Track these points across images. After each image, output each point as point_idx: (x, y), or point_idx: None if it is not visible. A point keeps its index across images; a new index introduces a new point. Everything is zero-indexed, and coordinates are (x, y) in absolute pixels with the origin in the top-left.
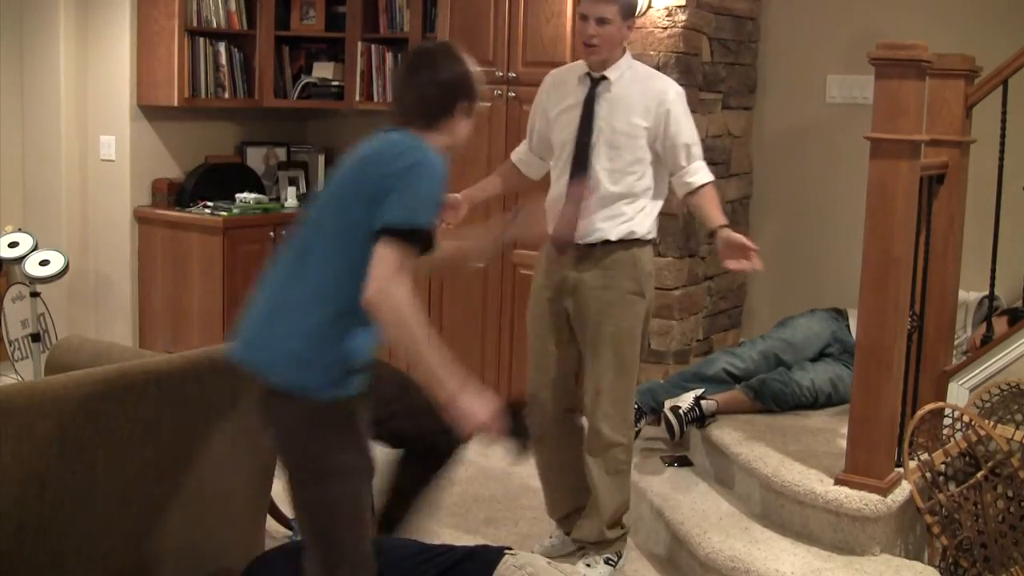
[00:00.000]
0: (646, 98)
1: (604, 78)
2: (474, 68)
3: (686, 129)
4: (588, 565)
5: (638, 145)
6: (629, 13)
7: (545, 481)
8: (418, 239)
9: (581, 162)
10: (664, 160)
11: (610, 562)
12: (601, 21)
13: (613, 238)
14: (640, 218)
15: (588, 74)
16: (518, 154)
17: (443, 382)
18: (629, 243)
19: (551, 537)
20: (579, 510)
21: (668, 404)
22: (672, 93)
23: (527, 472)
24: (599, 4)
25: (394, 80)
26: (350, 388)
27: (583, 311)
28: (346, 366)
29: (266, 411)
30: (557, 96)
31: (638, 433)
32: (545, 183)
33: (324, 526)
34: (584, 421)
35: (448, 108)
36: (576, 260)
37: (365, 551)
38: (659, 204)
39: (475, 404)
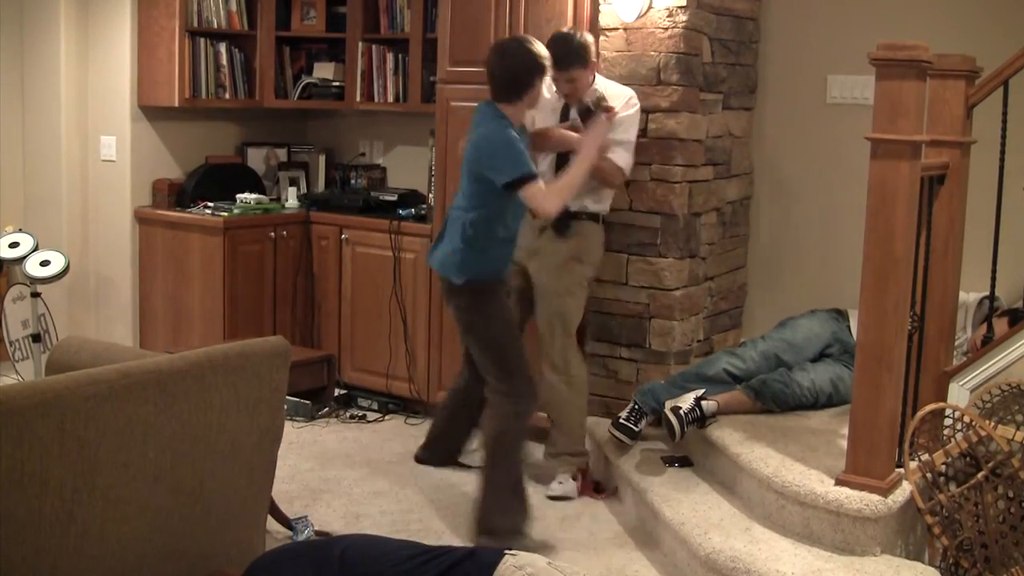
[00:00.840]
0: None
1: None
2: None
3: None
4: (560, 483)
5: None
6: (588, 60)
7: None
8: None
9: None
10: None
11: (575, 477)
12: (571, 80)
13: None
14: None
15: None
16: None
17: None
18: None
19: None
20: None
21: (669, 405)
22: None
23: (527, 472)
24: (567, 71)
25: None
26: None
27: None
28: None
29: (447, 296)
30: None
31: (639, 434)
32: None
33: (496, 352)
34: None
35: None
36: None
37: (524, 360)
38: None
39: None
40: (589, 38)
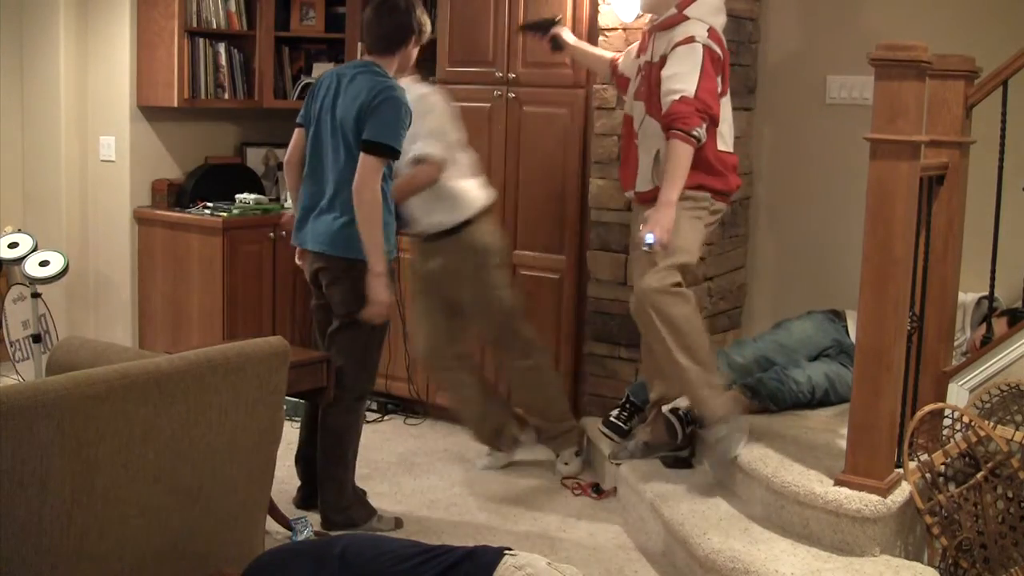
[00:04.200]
0: None
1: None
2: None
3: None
4: (566, 463)
5: None
6: None
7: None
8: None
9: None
10: None
11: (579, 454)
12: None
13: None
14: None
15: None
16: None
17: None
18: None
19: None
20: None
21: (667, 406)
22: None
23: (526, 472)
24: None
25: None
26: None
27: None
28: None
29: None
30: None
31: (629, 432)
32: None
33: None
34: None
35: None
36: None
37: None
38: None
39: (384, 290)
40: None
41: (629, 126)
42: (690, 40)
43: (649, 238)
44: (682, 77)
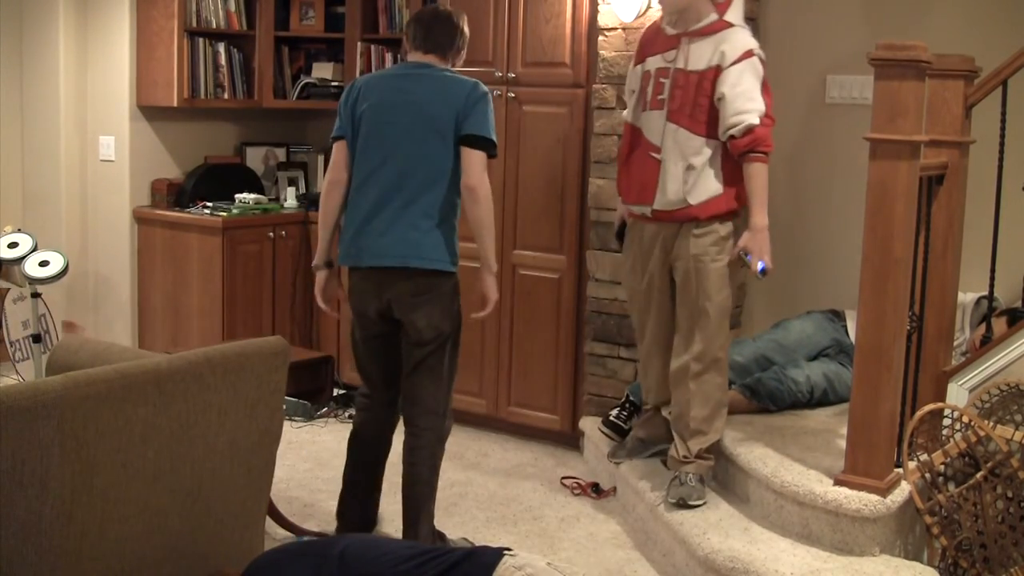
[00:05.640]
0: None
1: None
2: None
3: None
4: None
5: None
6: None
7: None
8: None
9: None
10: None
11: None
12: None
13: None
14: None
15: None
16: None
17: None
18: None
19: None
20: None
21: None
22: None
23: (526, 473)
24: None
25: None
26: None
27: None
28: None
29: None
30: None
31: (628, 431)
32: None
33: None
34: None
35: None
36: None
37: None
38: None
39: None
40: None
41: (638, 136)
42: (749, 54)
43: (761, 266)
44: (751, 95)
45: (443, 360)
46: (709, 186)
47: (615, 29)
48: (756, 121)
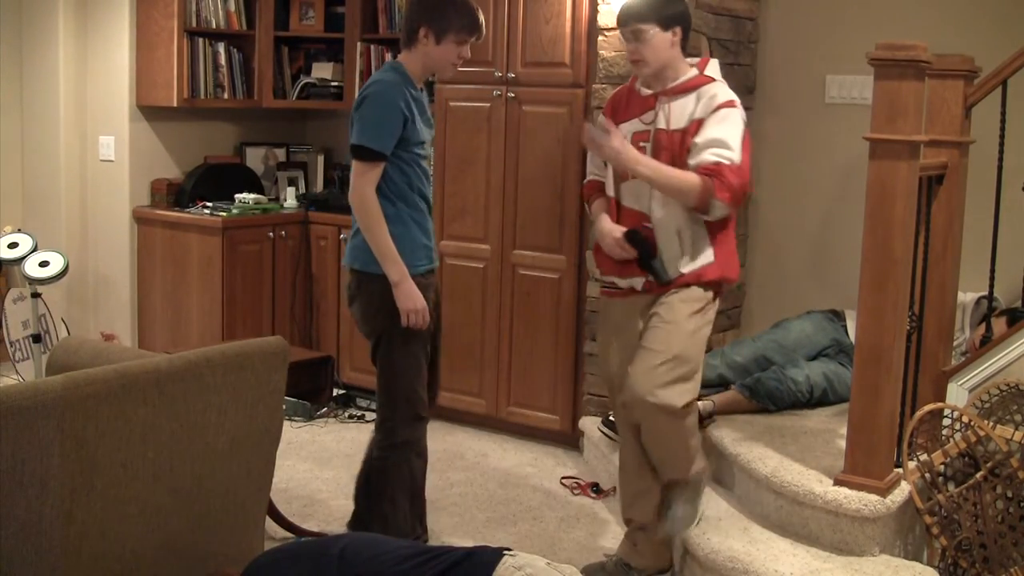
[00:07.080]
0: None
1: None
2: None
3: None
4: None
5: None
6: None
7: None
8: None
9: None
10: None
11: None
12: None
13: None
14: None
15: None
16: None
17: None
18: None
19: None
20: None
21: None
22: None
23: (526, 473)
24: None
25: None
26: None
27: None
28: None
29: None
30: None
31: None
32: None
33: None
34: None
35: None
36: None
37: None
38: None
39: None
40: None
41: (617, 207)
42: (732, 104)
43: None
44: (731, 142)
45: (389, 358)
46: (703, 252)
47: (615, 29)
48: (727, 163)
